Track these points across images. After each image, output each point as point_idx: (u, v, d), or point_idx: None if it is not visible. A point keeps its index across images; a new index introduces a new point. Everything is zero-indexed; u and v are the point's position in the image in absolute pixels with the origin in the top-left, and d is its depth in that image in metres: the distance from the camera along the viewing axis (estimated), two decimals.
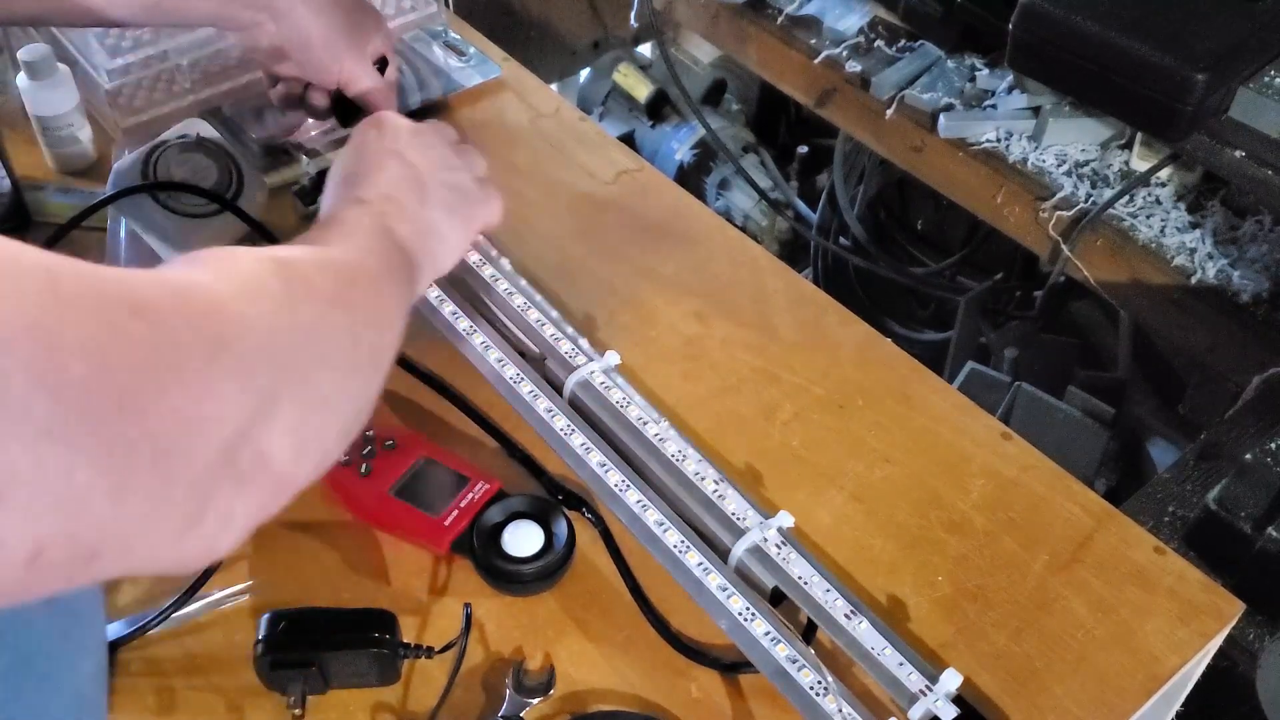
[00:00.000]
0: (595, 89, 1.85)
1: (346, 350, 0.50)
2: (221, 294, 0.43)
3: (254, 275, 0.46)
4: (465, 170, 0.72)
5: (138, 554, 0.39)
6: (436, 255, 0.66)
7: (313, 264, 0.51)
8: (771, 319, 0.81)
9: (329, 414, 0.48)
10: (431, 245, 0.66)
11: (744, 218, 1.75)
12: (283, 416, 0.43)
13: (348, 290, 0.53)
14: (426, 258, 0.65)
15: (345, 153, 0.69)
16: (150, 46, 0.90)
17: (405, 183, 0.66)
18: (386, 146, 0.68)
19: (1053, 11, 1.07)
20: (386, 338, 0.55)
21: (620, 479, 0.66)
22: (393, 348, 0.56)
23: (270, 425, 0.43)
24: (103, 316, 0.37)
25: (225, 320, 0.42)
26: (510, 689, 0.60)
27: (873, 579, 0.66)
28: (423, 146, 0.70)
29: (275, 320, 0.45)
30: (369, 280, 0.56)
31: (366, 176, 0.65)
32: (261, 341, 0.43)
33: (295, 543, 0.67)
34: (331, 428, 0.48)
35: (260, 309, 0.45)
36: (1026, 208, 1.17)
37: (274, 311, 0.45)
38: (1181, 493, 0.93)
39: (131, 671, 0.61)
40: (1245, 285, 1.07)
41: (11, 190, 0.84)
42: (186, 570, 0.44)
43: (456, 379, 0.76)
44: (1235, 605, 0.65)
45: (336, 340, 0.49)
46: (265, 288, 0.46)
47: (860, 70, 1.30)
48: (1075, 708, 0.60)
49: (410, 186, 0.66)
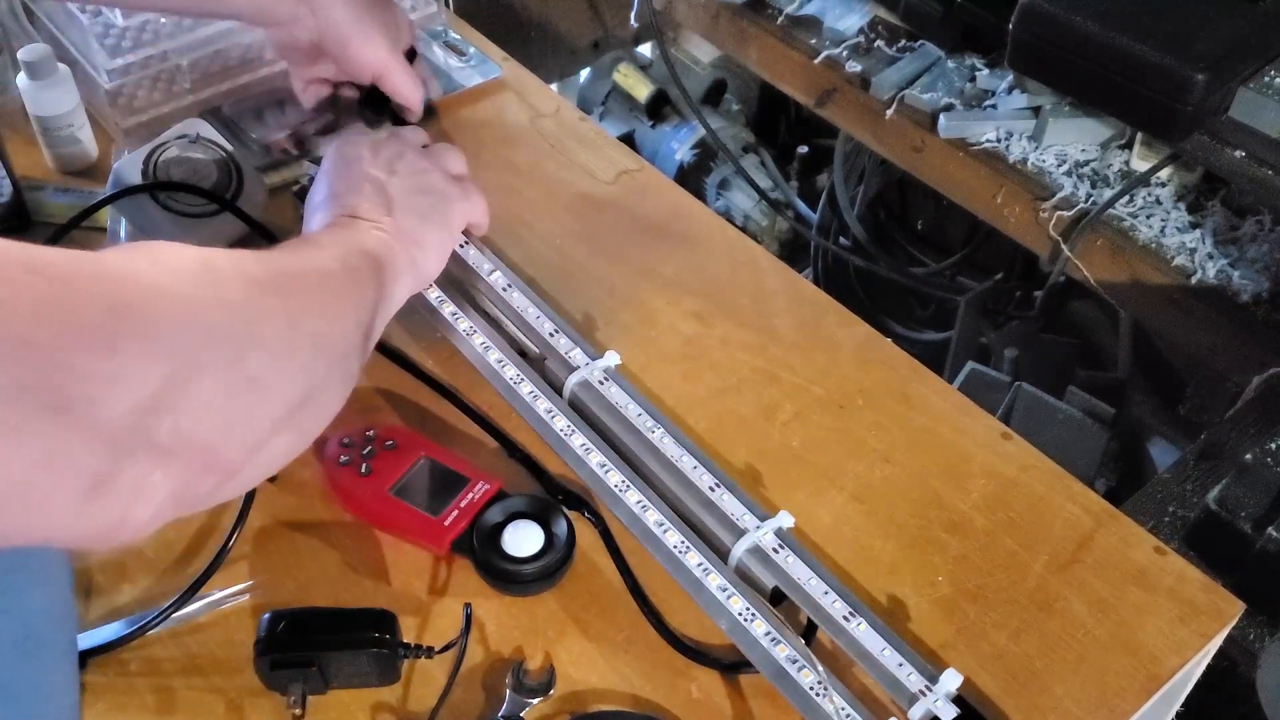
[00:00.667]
0: (595, 89, 1.85)
1: (282, 333, 0.50)
2: (136, 267, 0.44)
3: (177, 257, 0.47)
4: (436, 172, 0.72)
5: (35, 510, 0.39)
6: (417, 262, 0.67)
7: (248, 256, 0.51)
8: (771, 319, 0.81)
9: (263, 396, 0.47)
10: (411, 254, 0.66)
11: (744, 218, 1.75)
12: (204, 391, 0.43)
13: (289, 280, 0.53)
14: (406, 265, 0.66)
15: (314, 181, 0.70)
16: (150, 46, 0.90)
17: (370, 197, 0.67)
18: (348, 166, 0.69)
19: (1053, 11, 1.07)
20: (336, 328, 0.55)
21: (620, 479, 0.66)
22: (349, 341, 0.56)
23: (189, 398, 0.43)
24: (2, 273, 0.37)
25: (132, 287, 0.43)
26: (510, 689, 0.60)
27: (873, 579, 0.66)
28: (389, 159, 0.71)
29: (192, 293, 0.45)
30: (320, 276, 0.56)
31: (336, 199, 0.67)
32: (172, 310, 0.44)
33: (295, 543, 0.67)
34: (267, 410, 0.48)
35: (176, 282, 0.45)
36: (1026, 208, 1.17)
37: (191, 285, 0.45)
38: (1181, 493, 0.93)
39: (131, 671, 0.61)
40: (1245, 285, 1.07)
41: (11, 190, 0.84)
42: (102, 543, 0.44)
43: (456, 379, 0.76)
44: (1235, 605, 0.65)
45: (270, 323, 0.49)
46: (185, 266, 0.46)
47: (860, 70, 1.30)
48: (1075, 708, 0.60)
49: (377, 199, 0.67)
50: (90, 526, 0.42)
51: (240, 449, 0.46)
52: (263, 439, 0.48)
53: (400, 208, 0.68)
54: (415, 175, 0.71)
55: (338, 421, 0.71)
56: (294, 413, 0.50)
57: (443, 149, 0.76)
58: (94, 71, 0.90)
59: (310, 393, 0.51)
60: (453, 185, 0.73)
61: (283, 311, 0.50)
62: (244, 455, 0.47)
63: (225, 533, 0.65)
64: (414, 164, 0.72)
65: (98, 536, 0.42)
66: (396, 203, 0.68)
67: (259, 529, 0.68)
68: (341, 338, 0.55)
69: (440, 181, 0.72)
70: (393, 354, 0.77)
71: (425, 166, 0.72)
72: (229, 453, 0.46)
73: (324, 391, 0.53)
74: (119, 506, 0.41)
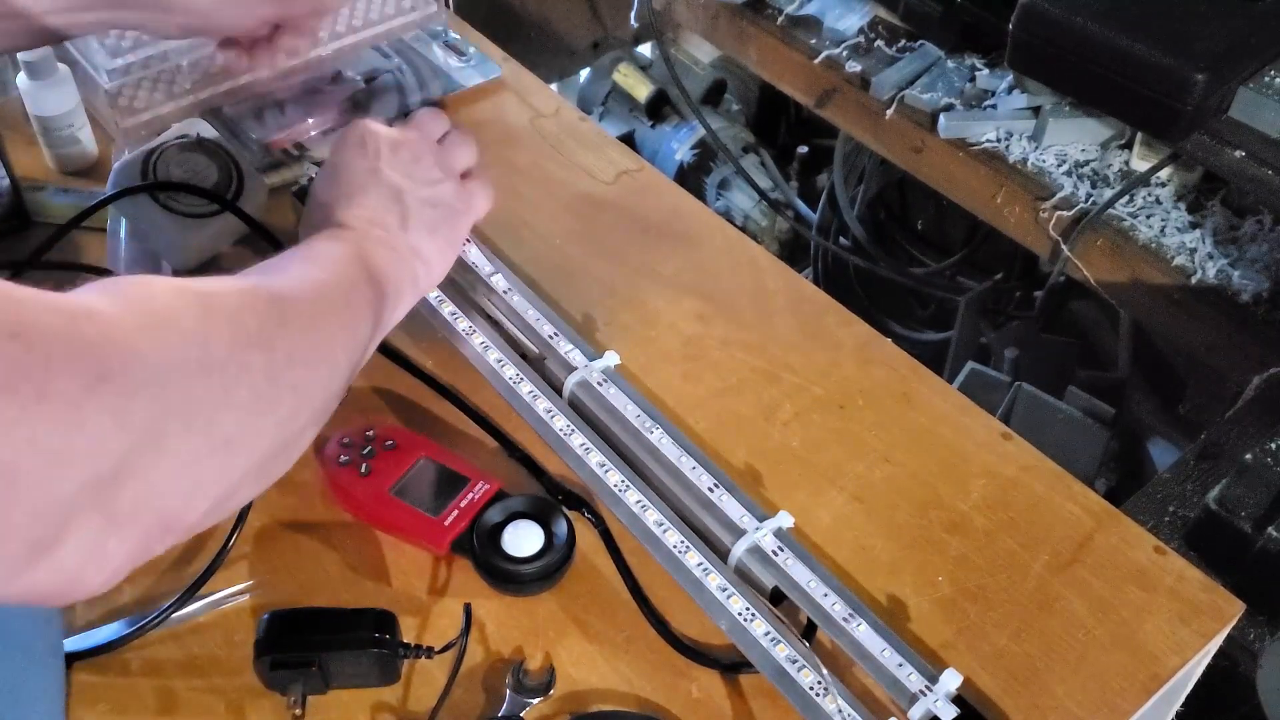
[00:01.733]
0: (595, 89, 1.85)
1: (260, 390, 0.48)
2: (121, 325, 0.42)
3: (167, 308, 0.45)
4: (449, 182, 0.70)
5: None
6: (419, 277, 0.66)
7: (242, 299, 0.49)
8: (771, 319, 0.81)
9: (233, 455, 0.46)
10: (413, 268, 0.65)
11: (744, 218, 1.75)
12: (171, 455, 0.42)
13: (276, 328, 0.50)
14: (407, 282, 0.64)
15: (324, 172, 0.68)
16: (150, 46, 0.90)
17: (387, 206, 0.65)
18: (367, 165, 0.67)
19: (1053, 11, 1.07)
20: (320, 376, 0.53)
21: (620, 479, 0.66)
22: (330, 386, 0.54)
23: (155, 463, 0.41)
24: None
25: (114, 351, 0.41)
26: (510, 689, 0.60)
27: (873, 579, 0.66)
28: (404, 162, 0.68)
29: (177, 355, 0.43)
30: (310, 315, 0.54)
31: (347, 200, 0.65)
32: (153, 375, 0.42)
33: (295, 543, 0.67)
34: (235, 469, 0.46)
35: (161, 342, 0.43)
36: (1026, 208, 1.17)
37: (179, 346, 0.44)
38: (1181, 493, 0.93)
39: (131, 671, 0.61)
40: (1245, 285, 1.07)
41: (11, 190, 0.84)
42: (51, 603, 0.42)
43: (456, 379, 0.76)
44: (1235, 605, 0.65)
45: (248, 380, 0.47)
46: (175, 322, 0.44)
47: (860, 70, 1.30)
48: (1075, 708, 0.60)
49: (392, 209, 0.65)
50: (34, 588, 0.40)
51: (202, 508, 0.45)
52: (228, 495, 0.47)
53: (414, 223, 0.66)
54: (431, 185, 0.69)
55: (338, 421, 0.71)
56: (263, 466, 0.49)
57: (456, 143, 0.74)
58: (94, 71, 0.90)
59: (285, 444, 0.50)
60: (463, 199, 0.71)
61: (262, 366, 0.48)
62: (205, 512, 0.46)
63: (225, 532, 0.65)
64: (430, 171, 0.69)
65: (43, 597, 0.41)
66: (411, 218, 0.66)
67: (259, 529, 0.68)
68: (326, 384, 0.54)
69: (452, 194, 0.70)
70: (393, 354, 0.77)
71: (439, 175, 0.70)
72: (190, 515, 0.44)
73: (299, 439, 0.52)
74: (68, 571, 0.40)
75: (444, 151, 0.72)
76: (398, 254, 0.64)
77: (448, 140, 0.74)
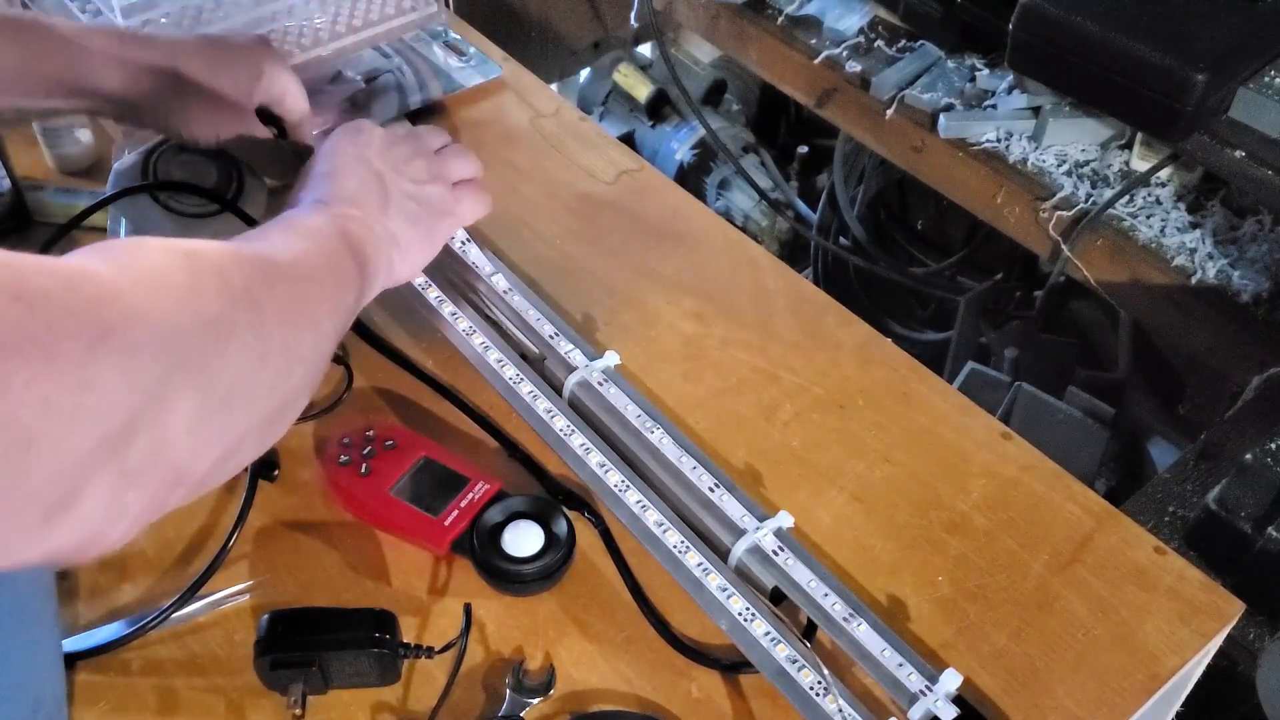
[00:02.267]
0: (595, 89, 1.85)
1: (252, 346, 0.49)
2: (117, 284, 0.43)
3: (158, 266, 0.46)
4: (438, 185, 0.72)
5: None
6: (394, 263, 0.66)
7: (227, 258, 0.50)
8: (771, 319, 0.81)
9: (234, 410, 0.47)
10: (389, 253, 0.66)
11: (744, 218, 1.75)
12: (180, 410, 0.43)
13: (261, 287, 0.51)
14: (382, 264, 0.65)
15: (314, 156, 0.69)
16: None
17: (369, 189, 0.66)
18: (357, 153, 0.68)
19: (1053, 11, 1.07)
20: (306, 337, 0.54)
21: (620, 479, 0.66)
22: (321, 349, 0.55)
23: (166, 418, 0.42)
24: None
25: (114, 310, 0.42)
26: (510, 689, 0.60)
27: (873, 579, 0.66)
28: (394, 158, 0.70)
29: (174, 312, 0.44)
30: (294, 279, 0.55)
31: (332, 178, 0.66)
32: (154, 332, 0.43)
33: (295, 543, 0.67)
34: (238, 423, 0.48)
35: (157, 300, 0.44)
36: (1026, 208, 1.17)
37: (175, 303, 0.45)
38: (1181, 493, 0.93)
39: (132, 671, 0.61)
40: (1245, 285, 1.07)
41: (11, 190, 0.84)
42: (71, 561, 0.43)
43: (456, 379, 0.76)
44: (1235, 605, 0.65)
45: (240, 336, 0.48)
46: (167, 279, 0.45)
47: (860, 70, 1.30)
48: (1075, 708, 0.60)
49: (373, 193, 0.67)
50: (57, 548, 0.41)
51: (210, 462, 0.46)
52: (232, 449, 0.48)
53: (394, 211, 0.67)
54: (416, 182, 0.70)
55: (338, 422, 0.72)
56: (262, 424, 0.50)
57: (454, 153, 0.75)
58: None
59: (281, 404, 0.51)
60: (448, 201, 0.72)
61: (251, 322, 0.49)
62: (213, 467, 0.47)
63: (225, 532, 0.65)
64: (419, 172, 0.71)
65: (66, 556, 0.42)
66: (392, 205, 0.67)
67: (259, 529, 0.68)
68: (314, 346, 0.55)
69: (438, 196, 0.71)
70: (393, 354, 0.77)
71: (428, 177, 0.71)
72: (199, 467, 0.45)
73: (293, 401, 0.53)
74: (87, 528, 0.41)
75: (438, 159, 0.74)
76: (374, 234, 0.65)
77: (445, 150, 0.75)
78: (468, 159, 0.76)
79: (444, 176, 0.73)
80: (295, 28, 0.97)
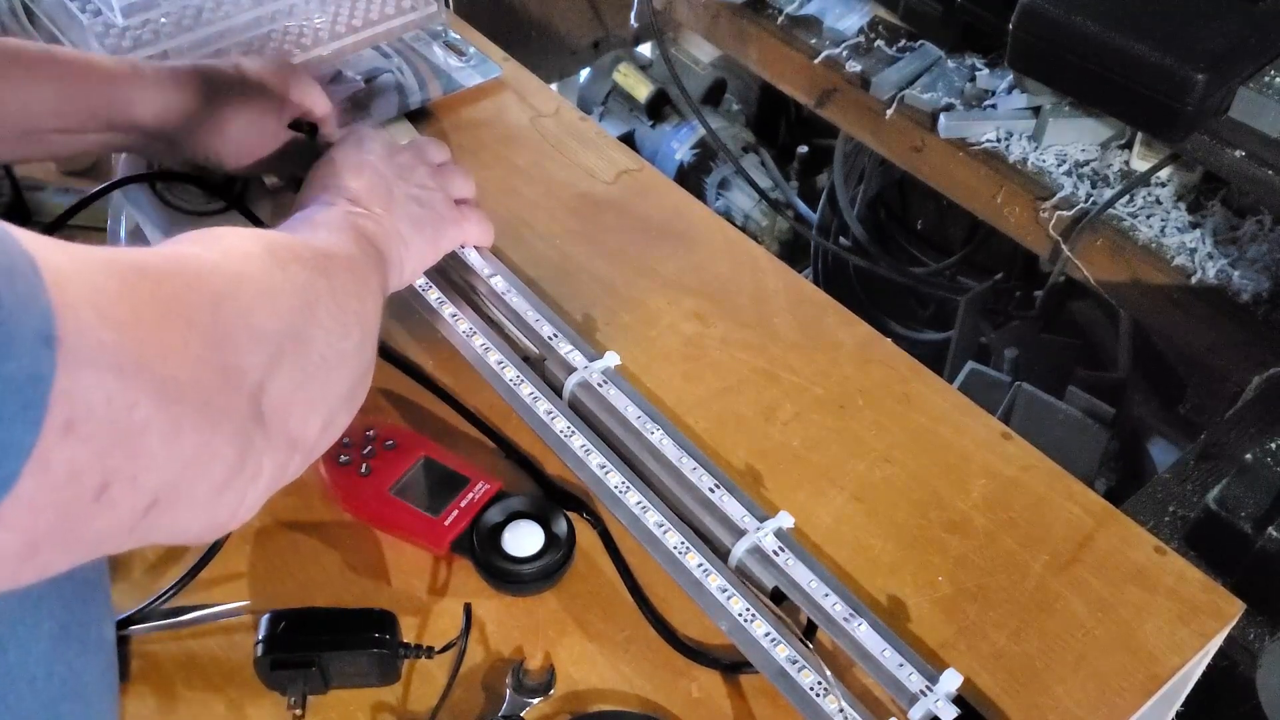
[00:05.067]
0: (595, 89, 1.85)
1: (335, 314, 0.51)
2: (212, 259, 0.45)
3: (239, 243, 0.48)
4: (440, 194, 0.73)
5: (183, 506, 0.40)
6: (403, 260, 0.67)
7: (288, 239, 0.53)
8: (771, 319, 0.81)
9: (328, 376, 0.49)
10: (397, 249, 0.67)
11: (744, 218, 1.75)
12: (288, 374, 0.45)
13: (327, 261, 0.54)
14: (395, 262, 0.66)
15: (318, 164, 0.70)
16: (150, 46, 0.90)
17: (375, 190, 0.68)
18: (360, 158, 0.69)
19: (1053, 11, 1.07)
20: (370, 307, 0.57)
21: (620, 480, 0.66)
22: (376, 323, 0.58)
23: (279, 382, 0.44)
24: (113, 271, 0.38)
25: (220, 277, 0.44)
26: (510, 689, 0.60)
27: (873, 579, 0.66)
28: (397, 164, 0.71)
29: (268, 277, 0.47)
30: (345, 258, 0.58)
31: (338, 179, 0.67)
32: (258, 293, 0.45)
33: (295, 543, 0.67)
34: (332, 391, 0.50)
35: (252, 268, 0.46)
36: (1026, 208, 1.17)
37: (265, 271, 0.47)
38: (1181, 493, 0.93)
39: (131, 672, 0.61)
40: (1245, 285, 1.07)
41: (11, 190, 0.84)
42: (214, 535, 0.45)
43: (457, 380, 0.76)
44: (1235, 605, 0.65)
45: (324, 303, 0.51)
46: (251, 253, 0.48)
47: (860, 70, 1.30)
48: (1075, 708, 0.60)
49: (378, 193, 0.68)
50: (216, 518, 0.43)
51: (317, 427, 0.48)
52: (331, 416, 0.50)
53: (399, 213, 0.68)
54: (420, 189, 0.72)
55: None
56: (352, 389, 0.52)
57: (453, 171, 0.76)
58: None
59: (363, 369, 0.54)
60: (451, 210, 0.74)
61: (329, 291, 0.52)
62: (319, 433, 0.49)
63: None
64: (422, 179, 0.72)
65: (219, 526, 0.43)
66: (397, 207, 0.68)
67: (259, 529, 0.68)
68: (374, 317, 0.57)
69: (440, 203, 0.73)
70: (393, 355, 0.77)
71: (431, 186, 0.73)
72: (309, 431, 0.47)
73: (368, 370, 0.55)
74: (238, 493, 0.43)
75: (439, 172, 0.75)
76: (382, 229, 0.66)
77: (445, 166, 0.77)
78: (466, 178, 0.77)
79: (444, 187, 0.74)
80: (295, 28, 0.97)
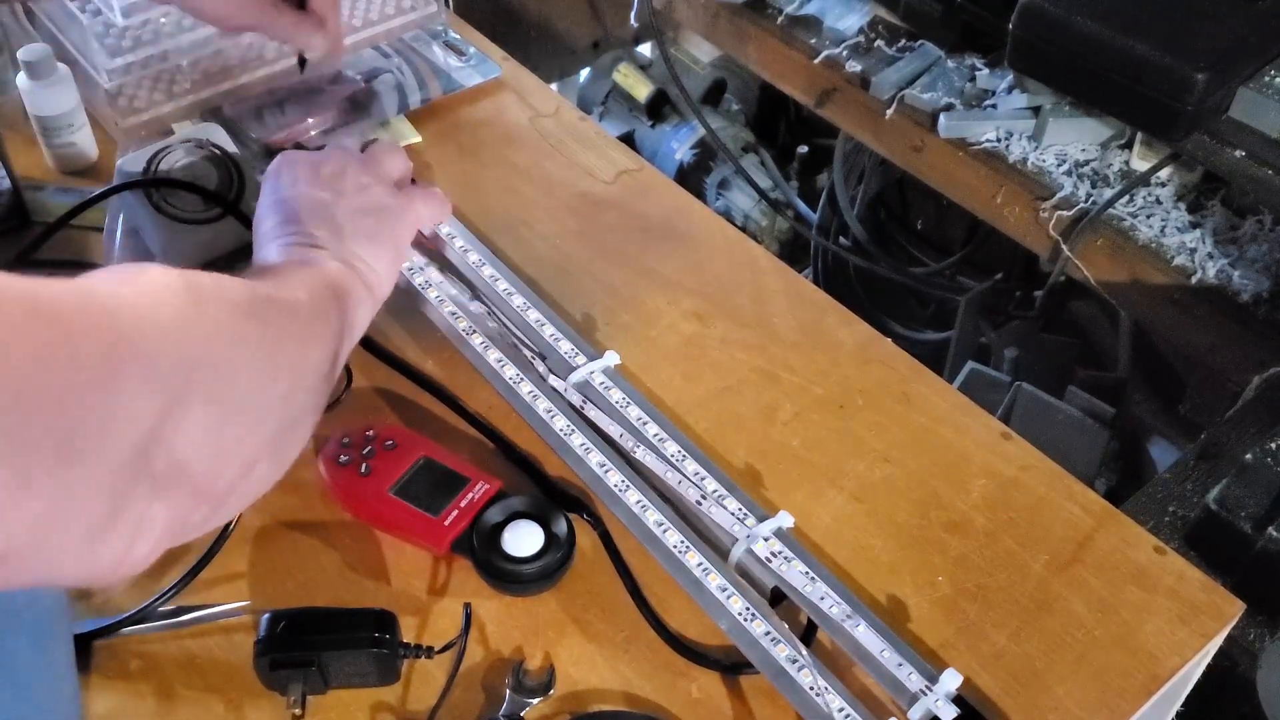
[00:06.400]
0: (595, 89, 1.85)
1: (262, 357, 0.49)
2: (124, 296, 0.43)
3: (159, 282, 0.46)
4: (379, 187, 0.71)
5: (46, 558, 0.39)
6: (373, 287, 0.66)
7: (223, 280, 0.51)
8: (771, 319, 0.81)
9: (248, 423, 0.47)
10: (367, 279, 0.65)
11: (744, 218, 1.75)
12: (196, 418, 0.43)
13: (262, 305, 0.52)
14: (363, 293, 0.64)
15: (257, 209, 0.69)
16: (150, 46, 0.90)
17: (318, 220, 0.66)
18: (292, 192, 0.68)
19: (1053, 11, 1.07)
20: (312, 355, 0.55)
21: (620, 480, 0.66)
22: (320, 371, 0.56)
23: (183, 427, 0.42)
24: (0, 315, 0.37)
25: (126, 318, 0.42)
26: (510, 689, 0.60)
27: (873, 579, 0.66)
28: (330, 178, 0.69)
29: (181, 320, 0.45)
30: (286, 304, 0.55)
31: (288, 228, 0.65)
32: (164, 340, 0.43)
33: (295, 543, 0.67)
34: (254, 435, 0.48)
35: (164, 310, 0.44)
36: (1026, 208, 1.17)
37: (179, 312, 0.45)
38: (1181, 493, 0.93)
39: (130, 672, 0.61)
40: (1245, 285, 1.07)
41: (11, 190, 0.84)
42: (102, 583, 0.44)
43: (456, 379, 0.76)
44: (1235, 605, 0.65)
45: (250, 346, 0.49)
46: (170, 290, 0.46)
47: (860, 70, 1.30)
48: (1075, 708, 0.60)
49: (324, 225, 0.66)
50: (95, 567, 0.41)
51: (228, 477, 0.46)
52: (248, 466, 0.48)
53: (349, 233, 0.66)
54: (359, 193, 0.69)
55: (338, 422, 0.71)
56: (275, 440, 0.50)
57: (382, 151, 0.74)
58: (94, 71, 0.90)
59: (291, 420, 0.51)
60: (398, 198, 0.71)
61: (262, 338, 0.50)
62: (231, 483, 0.47)
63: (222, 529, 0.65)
64: (357, 180, 0.70)
65: (100, 575, 0.42)
66: (345, 228, 0.66)
67: (259, 529, 0.68)
68: (315, 367, 0.55)
69: (384, 197, 0.70)
70: (392, 355, 0.77)
71: (367, 181, 0.70)
72: (218, 481, 0.46)
73: (302, 418, 0.53)
74: (123, 544, 0.41)
75: (368, 159, 0.73)
76: (343, 263, 0.64)
77: (371, 149, 0.75)
78: (395, 154, 0.75)
79: (381, 178, 0.72)
80: None
